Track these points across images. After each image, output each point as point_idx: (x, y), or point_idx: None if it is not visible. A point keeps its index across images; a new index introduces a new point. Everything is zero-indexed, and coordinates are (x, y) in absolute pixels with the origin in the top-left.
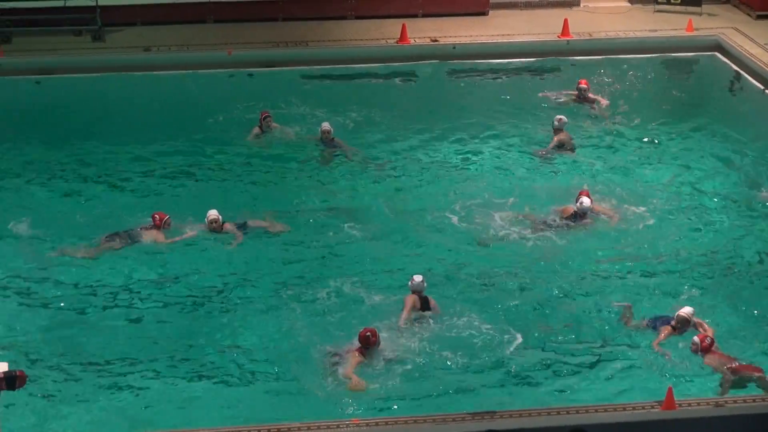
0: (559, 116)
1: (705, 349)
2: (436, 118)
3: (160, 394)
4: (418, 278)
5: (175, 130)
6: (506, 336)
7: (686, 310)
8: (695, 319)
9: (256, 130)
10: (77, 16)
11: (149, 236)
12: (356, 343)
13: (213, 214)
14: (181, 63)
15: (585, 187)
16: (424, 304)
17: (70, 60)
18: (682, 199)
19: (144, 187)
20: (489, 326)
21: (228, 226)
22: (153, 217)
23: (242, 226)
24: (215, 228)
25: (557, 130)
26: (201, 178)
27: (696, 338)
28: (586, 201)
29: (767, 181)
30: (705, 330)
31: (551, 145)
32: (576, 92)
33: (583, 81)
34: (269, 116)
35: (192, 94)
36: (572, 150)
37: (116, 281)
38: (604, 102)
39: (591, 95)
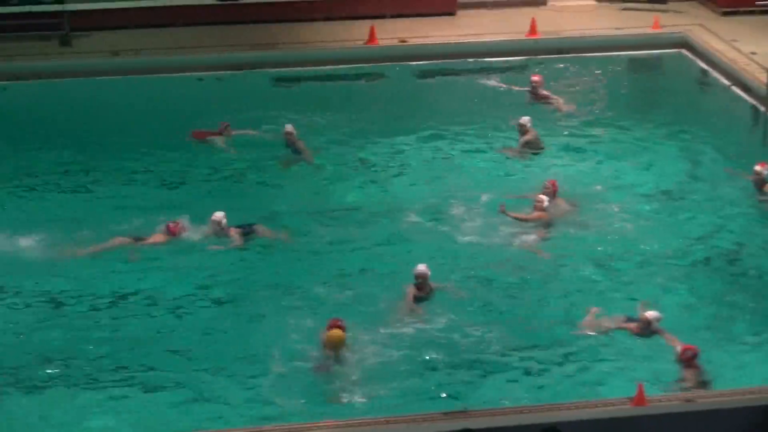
0: (524, 118)
1: (686, 361)
2: (405, 119)
3: (144, 400)
4: (420, 267)
5: (143, 135)
6: (478, 335)
7: (651, 314)
8: (658, 326)
9: (217, 137)
10: (45, 21)
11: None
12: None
13: (219, 216)
14: (149, 67)
15: (552, 179)
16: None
17: (37, 65)
18: (649, 195)
19: (114, 191)
20: (461, 325)
21: (233, 230)
22: (168, 226)
23: (248, 233)
24: (219, 231)
25: (524, 131)
26: (168, 182)
27: (679, 348)
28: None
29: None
30: (669, 338)
31: (519, 145)
32: (530, 88)
33: (536, 76)
34: (228, 126)
35: (160, 98)
36: (541, 149)
37: (110, 284)
38: (557, 99)
39: (544, 92)
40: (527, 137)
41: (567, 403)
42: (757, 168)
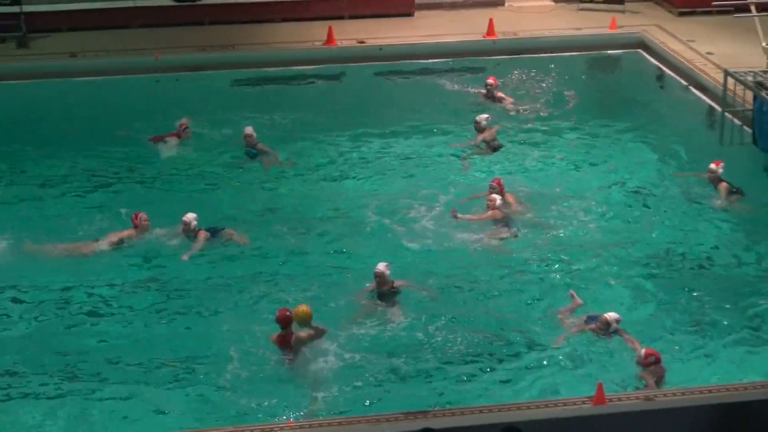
0: (482, 116)
1: (646, 365)
2: (363, 120)
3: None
4: (379, 266)
5: (101, 137)
6: (439, 335)
7: (611, 315)
8: (618, 327)
9: (173, 139)
10: (0, 23)
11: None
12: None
13: (189, 217)
14: (107, 69)
15: (497, 178)
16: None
17: None
18: (607, 195)
19: (71, 194)
20: (421, 325)
21: (202, 233)
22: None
23: (215, 233)
24: (188, 232)
25: (481, 129)
26: (126, 185)
27: (642, 352)
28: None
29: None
30: (629, 340)
31: (475, 142)
32: (485, 90)
33: (491, 78)
34: (187, 128)
35: (118, 99)
36: (497, 148)
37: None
38: (509, 100)
39: (499, 93)
40: (484, 135)
41: (527, 403)
42: (712, 166)
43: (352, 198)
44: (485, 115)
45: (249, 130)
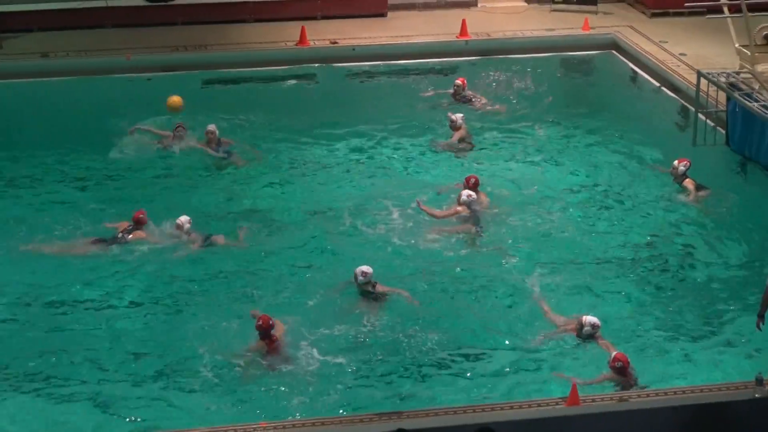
0: (457, 114)
1: (615, 369)
2: (336, 120)
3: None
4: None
5: (74, 138)
6: (412, 335)
7: (587, 318)
8: (593, 332)
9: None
10: None
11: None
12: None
13: (183, 220)
14: (79, 69)
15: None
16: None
17: None
18: (580, 195)
19: (47, 194)
20: (395, 326)
21: (194, 235)
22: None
23: (207, 238)
24: (181, 235)
25: (456, 128)
26: (100, 186)
27: (612, 354)
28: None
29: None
30: (603, 344)
31: (451, 141)
32: (452, 90)
33: (460, 79)
34: (182, 126)
35: (90, 100)
36: (470, 148)
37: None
38: (482, 100)
39: (468, 92)
40: (460, 133)
41: (501, 403)
42: (675, 163)
43: (326, 198)
44: (460, 114)
45: (211, 127)
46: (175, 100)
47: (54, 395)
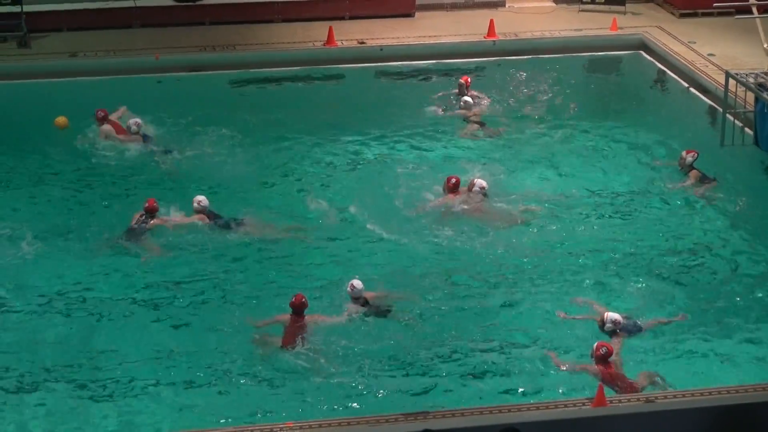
0: (466, 97)
1: (596, 357)
2: (364, 120)
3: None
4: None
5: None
6: (436, 336)
7: (610, 315)
8: (613, 328)
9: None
10: (2, 23)
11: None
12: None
13: (201, 199)
14: (108, 68)
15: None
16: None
17: None
18: (608, 196)
19: (71, 193)
20: (418, 326)
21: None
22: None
23: (226, 224)
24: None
25: (469, 108)
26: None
27: (598, 345)
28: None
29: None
30: (616, 342)
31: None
32: (457, 90)
33: (464, 77)
34: (106, 115)
35: (118, 99)
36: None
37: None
38: (486, 101)
39: (472, 92)
40: (474, 111)
41: (527, 404)
42: (683, 153)
43: (345, 198)
44: (468, 98)
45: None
46: (60, 121)
47: (83, 393)
